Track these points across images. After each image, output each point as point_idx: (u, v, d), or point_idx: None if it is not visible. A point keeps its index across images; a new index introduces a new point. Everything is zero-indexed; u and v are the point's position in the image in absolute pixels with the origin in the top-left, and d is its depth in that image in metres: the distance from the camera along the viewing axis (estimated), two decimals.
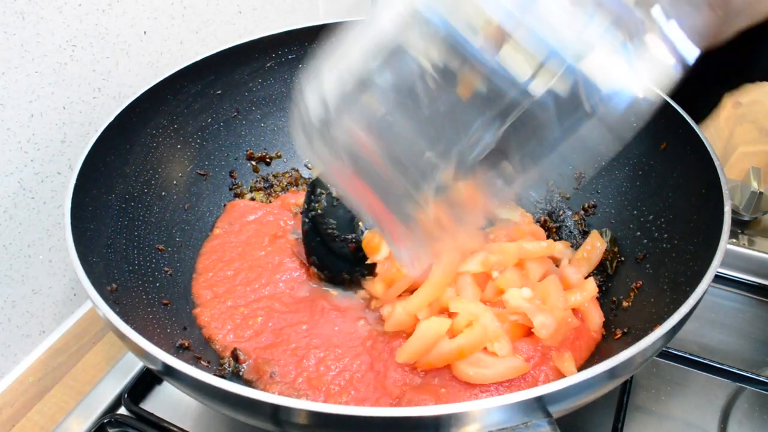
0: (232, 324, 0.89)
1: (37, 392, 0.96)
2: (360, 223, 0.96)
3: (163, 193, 0.99)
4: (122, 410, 0.90)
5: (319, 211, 0.96)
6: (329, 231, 0.95)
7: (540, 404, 0.58)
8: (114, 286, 0.79)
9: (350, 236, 0.95)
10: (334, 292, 0.94)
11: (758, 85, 1.32)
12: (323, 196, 0.97)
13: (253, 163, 1.13)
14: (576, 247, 0.97)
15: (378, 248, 0.92)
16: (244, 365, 0.84)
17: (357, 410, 0.56)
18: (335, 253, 0.95)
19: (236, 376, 0.84)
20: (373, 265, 0.92)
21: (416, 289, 0.86)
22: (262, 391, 0.58)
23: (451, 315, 0.84)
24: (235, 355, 0.84)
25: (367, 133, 0.52)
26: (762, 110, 1.51)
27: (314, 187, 0.99)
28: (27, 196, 0.94)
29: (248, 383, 0.83)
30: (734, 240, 1.10)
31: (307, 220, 0.97)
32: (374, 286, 0.91)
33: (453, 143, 0.51)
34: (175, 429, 0.85)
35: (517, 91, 0.47)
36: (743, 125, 1.46)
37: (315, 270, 0.95)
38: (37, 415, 0.93)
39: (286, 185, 1.12)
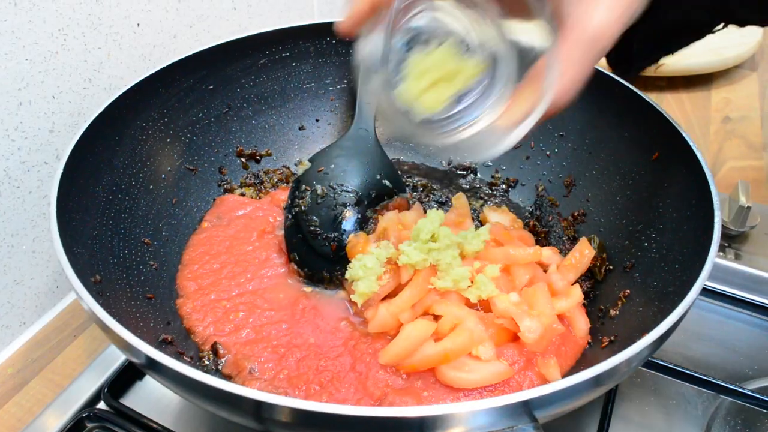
0: (213, 317, 0.88)
1: (15, 384, 0.95)
2: (343, 223, 0.95)
3: (151, 187, 0.98)
4: (101, 405, 0.89)
5: (303, 208, 0.96)
6: (311, 228, 0.95)
7: (526, 409, 0.58)
8: (98, 277, 0.78)
9: (332, 235, 0.94)
10: (317, 291, 0.93)
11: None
12: (307, 193, 0.97)
13: (243, 160, 1.12)
14: (564, 252, 0.96)
15: (362, 253, 0.91)
16: (222, 360, 0.84)
17: (343, 409, 0.56)
18: (316, 251, 0.94)
19: (215, 371, 0.83)
20: None
21: (399, 292, 0.85)
22: (246, 387, 0.58)
23: (435, 318, 0.83)
24: (214, 349, 0.84)
25: None
26: (750, 125, 1.52)
27: (299, 183, 0.98)
28: (12, 185, 0.93)
29: (227, 378, 0.82)
30: (721, 254, 1.10)
31: (290, 216, 0.97)
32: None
33: None
34: (154, 425, 0.84)
35: None
36: (732, 140, 1.48)
37: (295, 267, 0.95)
38: (15, 407, 0.92)
39: (276, 182, 1.12)
